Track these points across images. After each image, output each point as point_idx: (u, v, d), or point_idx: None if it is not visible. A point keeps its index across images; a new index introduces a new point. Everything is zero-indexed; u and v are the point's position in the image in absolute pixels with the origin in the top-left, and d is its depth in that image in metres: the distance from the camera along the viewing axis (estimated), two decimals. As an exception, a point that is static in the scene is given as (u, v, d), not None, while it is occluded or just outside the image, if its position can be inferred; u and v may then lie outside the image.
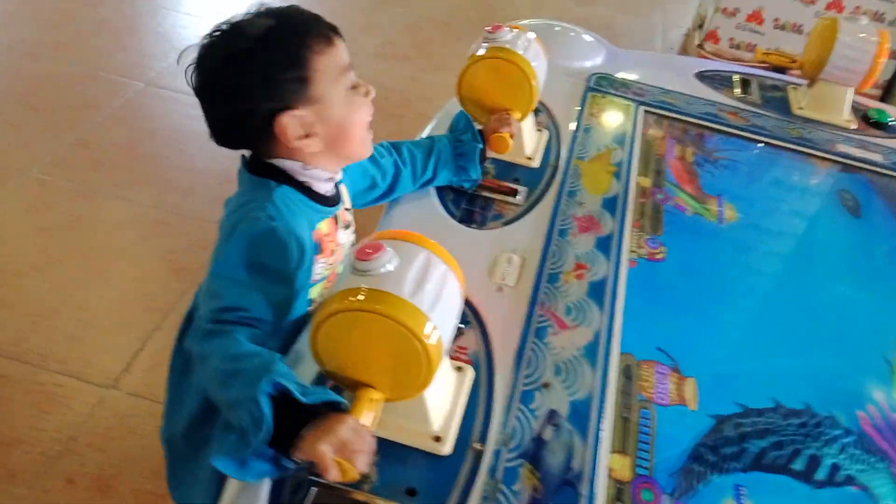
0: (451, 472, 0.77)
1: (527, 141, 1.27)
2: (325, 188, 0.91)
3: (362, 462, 0.66)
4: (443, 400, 0.81)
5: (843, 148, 1.50)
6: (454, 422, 0.81)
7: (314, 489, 0.73)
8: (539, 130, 1.35)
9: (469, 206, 1.16)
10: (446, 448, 0.78)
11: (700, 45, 3.01)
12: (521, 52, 1.17)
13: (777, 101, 1.64)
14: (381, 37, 3.03)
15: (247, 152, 0.89)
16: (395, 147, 1.10)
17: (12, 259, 1.86)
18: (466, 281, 0.96)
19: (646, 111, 1.49)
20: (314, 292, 0.91)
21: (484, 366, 0.90)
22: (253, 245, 0.81)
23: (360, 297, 0.69)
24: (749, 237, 1.23)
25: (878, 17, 2.79)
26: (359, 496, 0.73)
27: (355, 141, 0.89)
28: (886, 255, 1.26)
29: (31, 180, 2.10)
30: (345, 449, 0.65)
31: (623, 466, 0.82)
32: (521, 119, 1.21)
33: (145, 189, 2.14)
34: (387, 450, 0.78)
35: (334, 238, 0.93)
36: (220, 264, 0.82)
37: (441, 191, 1.18)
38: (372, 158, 1.02)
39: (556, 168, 1.27)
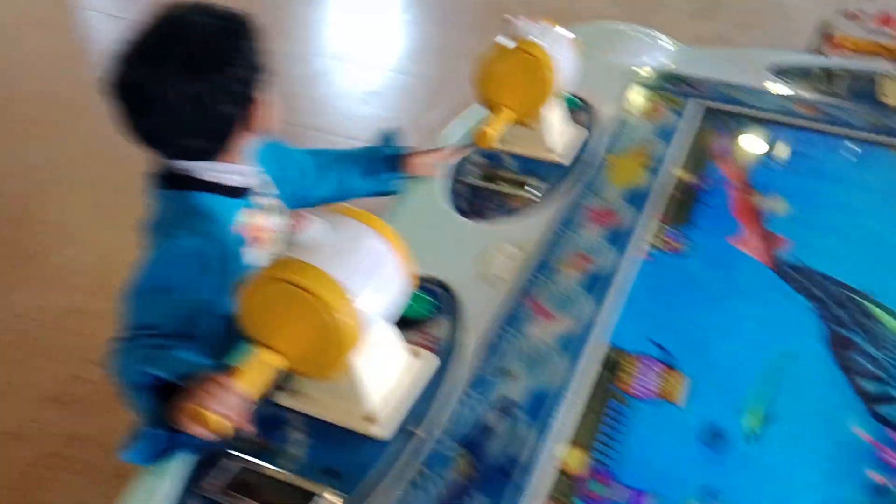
0: (380, 456, 0.73)
1: (552, 136, 1.22)
2: (235, 180, 0.89)
3: (224, 418, 0.64)
4: (384, 381, 0.78)
5: (937, 136, 1.32)
6: (397, 405, 0.78)
7: (233, 465, 0.72)
8: (576, 128, 1.29)
9: (478, 201, 1.13)
10: (381, 431, 0.75)
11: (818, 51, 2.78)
12: (538, 43, 1.13)
13: (865, 92, 1.47)
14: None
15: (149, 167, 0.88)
16: (314, 153, 1.12)
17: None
18: (455, 272, 0.94)
19: (701, 105, 1.38)
20: None
21: (450, 353, 0.86)
22: (169, 263, 0.82)
23: (277, 267, 0.69)
24: (792, 229, 1.10)
25: None
26: (279, 475, 0.72)
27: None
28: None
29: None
30: (203, 405, 0.64)
31: (577, 461, 0.75)
32: (528, 115, 1.16)
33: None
34: (320, 429, 0.76)
35: (265, 227, 0.92)
36: (136, 284, 0.81)
37: (455, 183, 1.16)
38: (293, 154, 1.06)
39: (584, 164, 1.21)
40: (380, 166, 1.13)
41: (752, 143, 1.32)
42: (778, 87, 1.47)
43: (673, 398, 0.82)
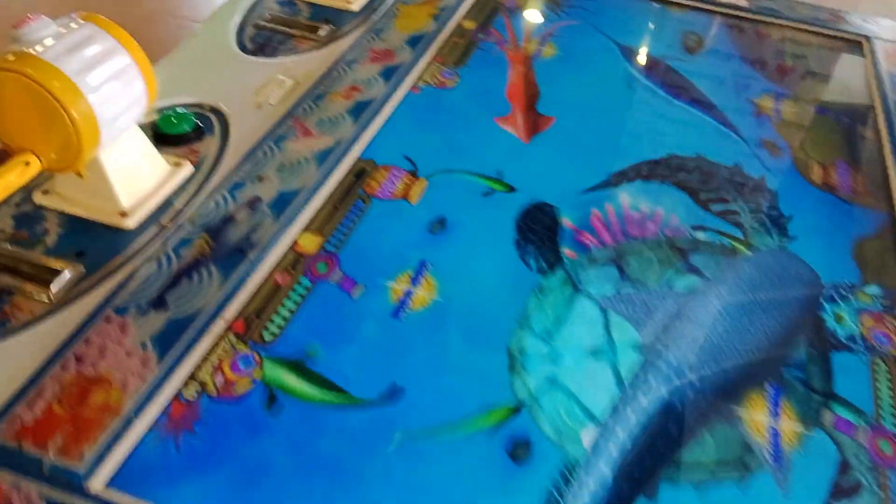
0: (127, 242, 0.81)
1: (345, -15, 1.28)
2: None
3: None
4: (136, 181, 0.85)
5: (706, -5, 1.45)
6: (150, 203, 0.85)
7: (-16, 247, 0.78)
8: (371, -19, 1.35)
9: (266, 42, 1.18)
10: (130, 223, 0.83)
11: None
12: None
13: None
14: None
15: None
16: None
17: None
18: (232, 101, 1.00)
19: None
20: None
21: (209, 165, 0.93)
22: None
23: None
24: (556, 70, 1.21)
25: None
26: (31, 256, 0.79)
27: None
28: (700, 80, 1.22)
29: None
30: None
31: (311, 243, 0.85)
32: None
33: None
34: (74, 223, 0.83)
35: None
36: None
37: (246, 26, 1.21)
38: None
39: (374, 11, 1.28)
40: None
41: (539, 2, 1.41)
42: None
43: (410, 198, 0.93)
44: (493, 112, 1.11)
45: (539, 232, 0.89)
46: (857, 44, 1.37)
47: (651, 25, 1.40)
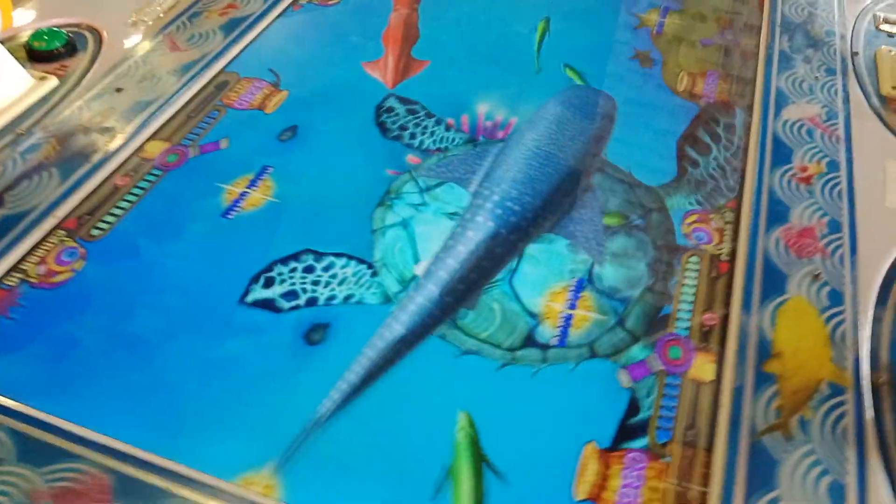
0: (-18, 147, 0.86)
1: None
2: None
3: None
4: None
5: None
6: (8, 113, 0.90)
7: None
8: None
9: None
10: (-14, 130, 0.88)
11: None
12: None
13: None
14: None
15: None
16: None
17: None
18: (112, 21, 1.04)
19: None
20: None
21: (76, 79, 0.97)
22: None
23: None
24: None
25: None
26: None
27: None
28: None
29: None
30: None
31: (157, 149, 0.89)
32: None
33: None
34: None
35: None
36: None
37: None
38: None
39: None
40: None
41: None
42: None
43: (266, 108, 0.96)
44: (372, 27, 1.13)
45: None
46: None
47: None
